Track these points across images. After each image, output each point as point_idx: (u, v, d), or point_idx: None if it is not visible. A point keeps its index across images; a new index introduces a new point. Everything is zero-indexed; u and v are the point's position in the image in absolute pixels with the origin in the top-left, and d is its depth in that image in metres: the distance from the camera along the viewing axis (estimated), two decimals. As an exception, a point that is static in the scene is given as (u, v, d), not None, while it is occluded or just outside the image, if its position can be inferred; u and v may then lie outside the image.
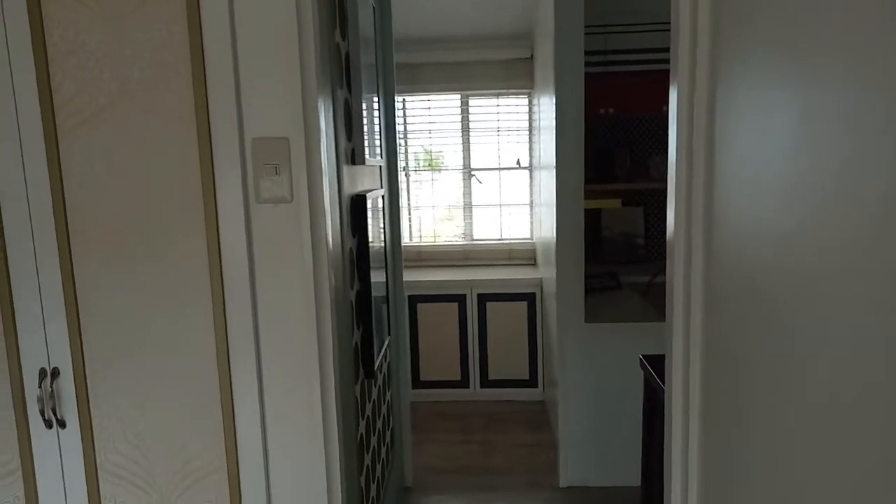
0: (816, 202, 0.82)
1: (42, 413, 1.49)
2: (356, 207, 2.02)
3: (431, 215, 4.73)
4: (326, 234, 1.47)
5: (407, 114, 4.62)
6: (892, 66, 0.66)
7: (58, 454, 1.52)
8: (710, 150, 1.25)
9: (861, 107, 0.71)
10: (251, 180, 1.44)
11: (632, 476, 2.63)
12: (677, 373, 1.41)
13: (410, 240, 4.74)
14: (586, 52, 2.96)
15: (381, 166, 2.67)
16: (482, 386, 4.20)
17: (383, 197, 2.67)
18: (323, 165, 1.46)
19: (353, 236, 2.01)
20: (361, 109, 2.09)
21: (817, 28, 0.82)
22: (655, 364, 2.04)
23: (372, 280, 2.17)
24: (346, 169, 1.90)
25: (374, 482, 2.23)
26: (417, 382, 4.22)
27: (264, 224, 1.45)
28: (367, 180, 2.33)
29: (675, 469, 1.43)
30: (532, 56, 4.36)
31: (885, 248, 0.67)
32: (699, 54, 1.29)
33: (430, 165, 4.68)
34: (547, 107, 3.48)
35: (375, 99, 2.56)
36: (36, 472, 1.53)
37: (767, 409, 0.98)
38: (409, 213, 4.73)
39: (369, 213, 2.15)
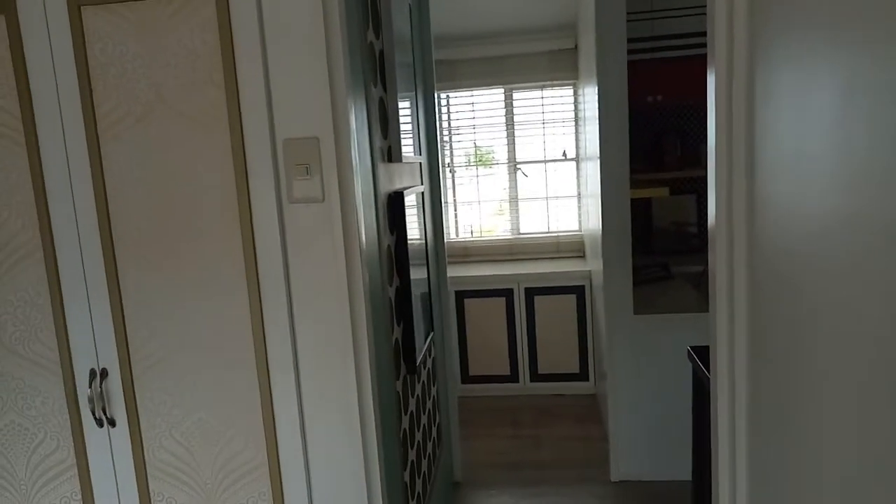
0: (862, 182, 0.77)
1: (93, 412, 1.55)
2: (393, 205, 2.02)
3: (479, 211, 4.71)
4: (360, 232, 1.48)
5: (451, 110, 4.61)
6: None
7: (109, 452, 1.58)
8: (751, 134, 1.20)
9: None
10: (283, 180, 1.46)
11: (684, 470, 2.57)
12: (722, 365, 1.36)
13: (457, 235, 4.74)
14: (633, 40, 2.89)
15: (420, 163, 2.67)
16: (532, 380, 4.17)
17: (423, 193, 2.68)
18: (354, 164, 1.46)
19: (392, 233, 2.01)
20: (397, 107, 2.09)
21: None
22: (704, 356, 1.98)
23: (412, 276, 2.18)
24: (381, 167, 1.91)
25: (419, 477, 2.24)
26: (466, 377, 4.22)
27: (297, 223, 1.47)
28: (406, 177, 2.34)
29: (723, 463, 1.38)
30: (576, 46, 4.29)
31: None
32: (736, 34, 1.24)
33: (480, 161, 4.66)
34: (591, 97, 3.42)
35: (415, 96, 2.56)
36: (90, 469, 1.60)
37: (813, 401, 0.94)
38: (455, 209, 4.73)
39: (407, 210, 2.15)
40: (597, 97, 2.96)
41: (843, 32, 0.82)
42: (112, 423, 1.57)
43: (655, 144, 3.15)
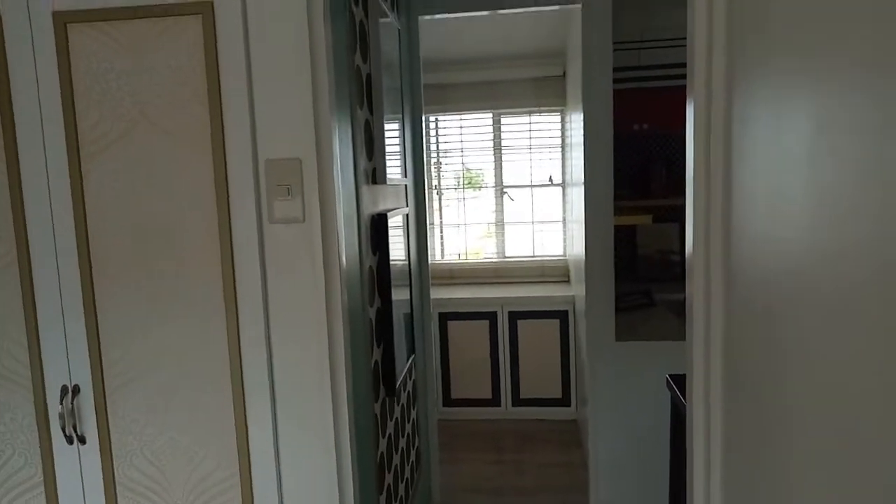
0: (834, 215, 0.79)
1: (63, 429, 1.53)
2: (376, 226, 2.03)
3: (465, 233, 4.72)
4: (340, 253, 1.48)
5: (440, 133, 4.65)
6: None
7: (78, 470, 1.56)
8: (728, 164, 1.22)
9: (881, 113, 0.68)
10: (265, 200, 1.46)
11: (664, 498, 2.56)
12: (698, 393, 1.37)
13: (442, 258, 4.74)
14: (619, 69, 2.93)
15: (406, 185, 2.68)
16: (514, 404, 4.16)
17: (408, 215, 2.68)
18: (336, 185, 1.47)
19: (374, 254, 2.02)
20: (383, 130, 2.11)
21: (831, 33, 0.79)
22: (682, 384, 1.99)
23: (395, 297, 2.18)
24: (365, 188, 1.91)
25: (395, 501, 2.22)
26: (448, 400, 4.20)
27: (277, 243, 1.47)
28: (391, 199, 2.34)
29: (698, 491, 1.38)
30: (564, 73, 4.34)
31: None
32: (715, 66, 1.26)
33: (469, 184, 4.69)
34: (577, 123, 3.46)
35: (402, 119, 2.58)
36: (58, 486, 1.57)
37: (788, 432, 0.94)
38: (442, 232, 4.74)
39: (392, 232, 2.15)
40: (582, 124, 2.99)
41: (815, 67, 0.84)
42: (82, 440, 1.54)
43: (640, 172, 3.18)
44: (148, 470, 1.55)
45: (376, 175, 2.07)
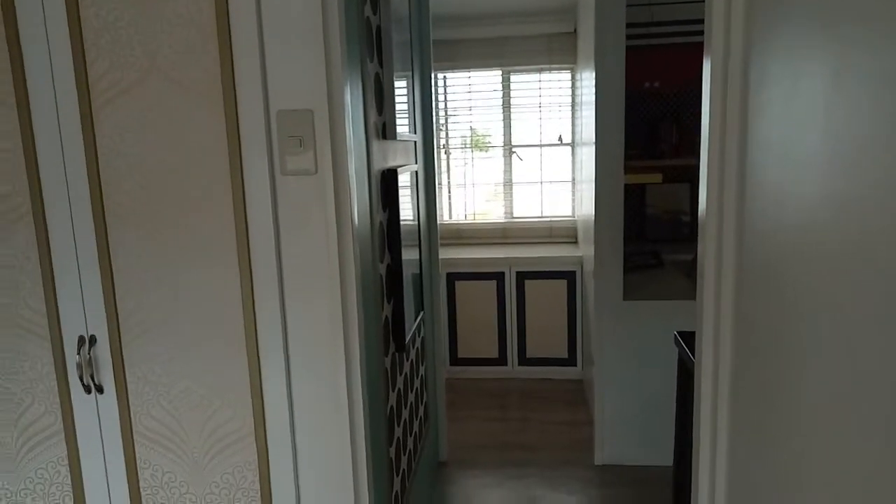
0: (848, 164, 0.78)
1: (81, 378, 1.56)
2: (386, 182, 2.02)
3: (473, 194, 4.71)
4: (352, 207, 1.48)
5: (448, 91, 4.59)
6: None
7: (96, 418, 1.59)
8: (744, 121, 1.21)
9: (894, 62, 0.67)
10: (277, 152, 1.45)
11: (668, 456, 2.60)
12: (707, 350, 1.38)
13: (450, 217, 4.74)
14: (632, 25, 2.88)
15: (415, 142, 2.67)
16: (520, 364, 4.20)
17: (417, 173, 2.67)
18: (348, 138, 1.46)
19: (384, 210, 2.01)
20: (393, 84, 2.09)
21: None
22: (690, 341, 2.00)
23: (404, 256, 2.18)
24: (375, 143, 1.90)
25: (404, 454, 2.26)
26: (455, 359, 4.24)
27: (290, 196, 1.47)
28: (400, 155, 2.33)
29: (704, 447, 1.40)
30: (575, 30, 4.27)
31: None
32: (733, 20, 1.24)
33: (476, 145, 4.65)
34: (588, 82, 3.41)
35: (411, 75, 2.55)
36: (77, 434, 1.60)
37: (794, 388, 0.95)
38: (449, 191, 4.72)
39: (401, 188, 2.15)
40: (594, 82, 2.95)
41: (834, 20, 0.82)
42: (100, 389, 1.57)
43: (651, 131, 3.15)
44: (164, 419, 1.58)
45: (386, 130, 2.06)
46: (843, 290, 0.80)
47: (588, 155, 3.52)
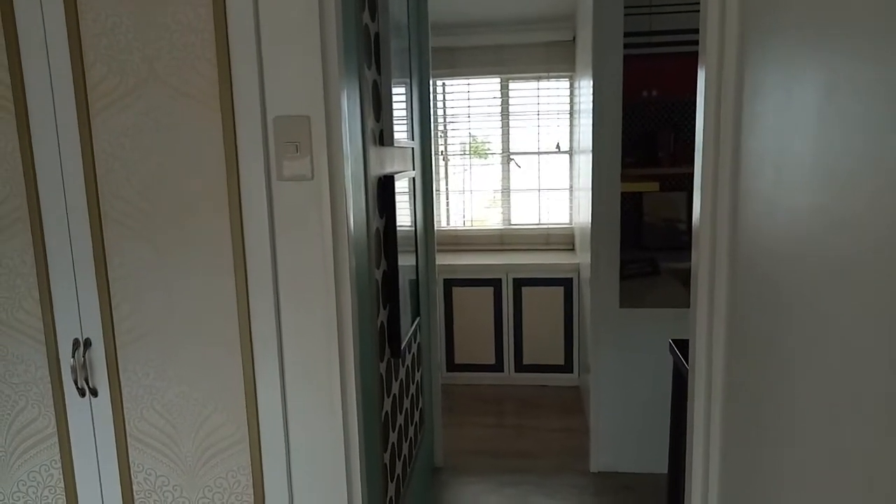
0: (839, 179, 0.79)
1: (75, 382, 1.56)
2: (383, 188, 2.03)
3: (471, 200, 4.72)
4: (347, 213, 1.48)
5: (447, 98, 4.61)
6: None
7: (90, 422, 1.59)
8: (738, 131, 1.22)
9: (889, 77, 0.68)
10: (273, 158, 1.46)
11: (663, 463, 2.60)
12: (701, 358, 1.38)
13: (448, 223, 4.75)
14: (630, 34, 2.89)
15: (413, 148, 2.67)
16: (517, 370, 4.20)
17: (415, 179, 2.68)
18: (345, 144, 1.47)
19: (381, 216, 2.02)
20: (391, 91, 2.10)
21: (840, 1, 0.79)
22: (685, 348, 2.01)
23: (401, 261, 2.19)
24: (373, 149, 1.91)
25: (399, 460, 2.26)
26: (452, 365, 4.24)
27: (286, 201, 1.47)
28: (398, 161, 2.34)
29: (697, 455, 1.41)
30: (574, 38, 4.29)
31: None
32: (728, 32, 1.25)
33: (475, 152, 4.66)
34: (586, 90, 3.43)
35: (410, 82, 2.56)
36: (71, 437, 1.60)
37: (787, 396, 0.96)
38: (447, 198, 4.73)
39: (398, 195, 2.16)
40: (591, 90, 2.97)
41: (826, 32, 0.83)
42: (94, 393, 1.57)
43: (649, 140, 3.16)
44: (158, 423, 1.58)
45: (384, 136, 2.07)
46: (834, 301, 0.80)
47: (585, 163, 3.54)
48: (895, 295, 0.67)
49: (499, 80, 4.54)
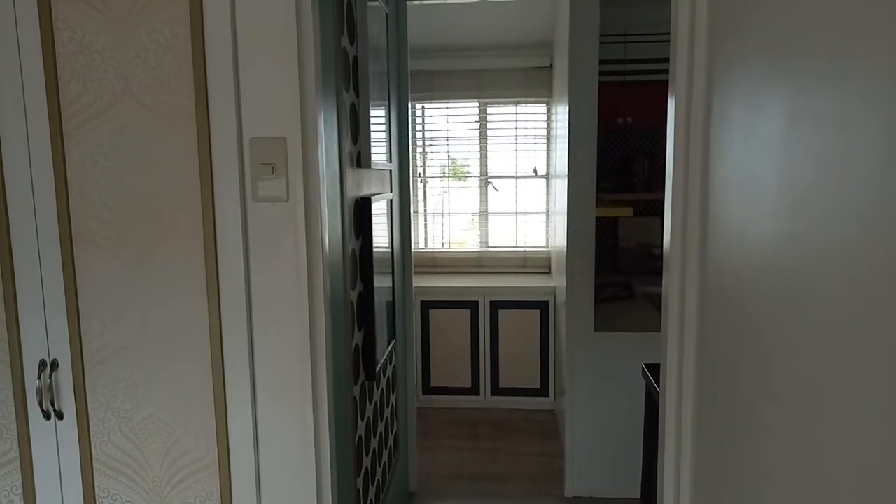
0: (802, 207, 0.81)
1: (41, 404, 1.52)
2: (360, 209, 2.03)
3: (449, 223, 4.73)
4: (323, 234, 1.48)
5: (426, 120, 4.64)
6: (878, 67, 0.65)
7: (55, 445, 1.55)
8: (706, 160, 1.24)
9: (847, 108, 0.70)
10: (249, 179, 1.46)
11: (638, 487, 2.60)
12: (671, 383, 1.40)
13: (426, 245, 4.75)
14: (605, 62, 2.94)
15: (391, 171, 2.69)
16: (493, 393, 4.18)
17: (392, 201, 2.69)
18: (321, 166, 1.47)
19: (357, 238, 2.02)
20: (369, 113, 2.11)
21: (805, 31, 0.81)
22: (657, 373, 2.02)
23: (377, 283, 2.18)
24: (349, 171, 1.92)
25: (372, 484, 2.24)
26: (428, 388, 4.22)
27: (261, 223, 1.47)
28: (375, 184, 2.35)
29: (668, 477, 1.41)
30: (551, 65, 4.35)
31: (871, 253, 0.66)
32: (697, 60, 1.28)
33: (454, 174, 4.69)
34: (563, 115, 3.47)
35: (388, 105, 2.58)
36: (34, 461, 1.56)
37: (754, 419, 0.97)
38: (425, 220, 4.74)
39: (375, 217, 2.16)
40: (568, 116, 3.01)
41: (788, 63, 0.86)
42: (59, 415, 1.54)
43: (624, 166, 3.21)
44: (126, 446, 1.55)
45: (361, 159, 2.07)
46: (797, 326, 0.82)
47: (562, 187, 3.57)
48: (855, 319, 0.68)
49: (477, 104, 4.58)
